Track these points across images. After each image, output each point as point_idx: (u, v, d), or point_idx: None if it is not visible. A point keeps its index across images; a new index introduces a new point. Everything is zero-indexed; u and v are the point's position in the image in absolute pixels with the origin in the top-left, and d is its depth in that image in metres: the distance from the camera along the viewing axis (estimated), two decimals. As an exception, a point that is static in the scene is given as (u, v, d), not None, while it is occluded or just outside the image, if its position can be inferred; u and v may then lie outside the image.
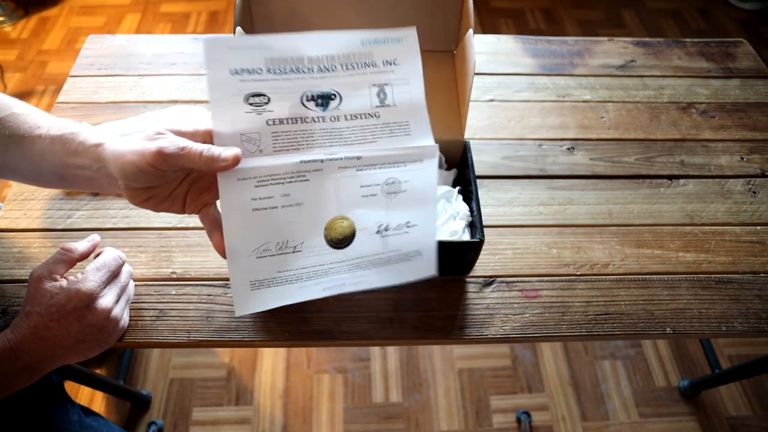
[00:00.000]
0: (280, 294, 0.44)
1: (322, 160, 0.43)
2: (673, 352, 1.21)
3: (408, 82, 0.46)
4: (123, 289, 0.52)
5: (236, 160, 0.40)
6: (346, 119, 0.44)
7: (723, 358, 1.20)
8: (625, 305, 0.57)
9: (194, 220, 0.62)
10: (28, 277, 0.48)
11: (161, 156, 0.38)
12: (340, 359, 1.18)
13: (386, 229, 0.46)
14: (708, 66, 0.84)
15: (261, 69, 0.42)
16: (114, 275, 0.51)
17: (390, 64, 0.45)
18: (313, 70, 0.43)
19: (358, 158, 0.44)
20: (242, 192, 0.42)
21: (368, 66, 0.45)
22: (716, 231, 0.64)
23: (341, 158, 0.44)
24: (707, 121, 0.77)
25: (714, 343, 1.18)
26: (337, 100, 0.44)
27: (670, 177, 0.70)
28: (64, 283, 0.47)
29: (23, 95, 1.66)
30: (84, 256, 0.52)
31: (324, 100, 0.44)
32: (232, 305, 0.43)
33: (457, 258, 0.56)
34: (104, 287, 0.49)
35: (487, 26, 1.99)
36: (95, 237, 0.54)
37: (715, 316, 0.57)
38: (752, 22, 2.06)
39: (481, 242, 0.52)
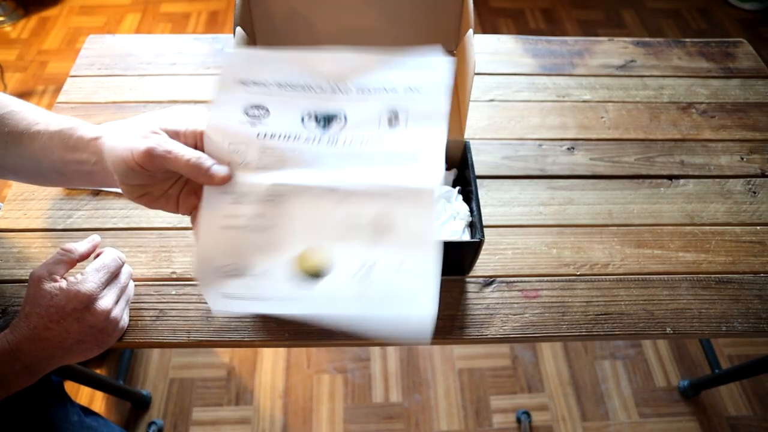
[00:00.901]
0: (253, 306, 0.42)
1: (304, 185, 0.40)
2: (673, 352, 1.21)
3: (429, 116, 0.40)
4: (123, 290, 0.51)
5: (224, 180, 0.39)
6: (344, 143, 0.40)
7: (723, 358, 1.19)
8: (625, 305, 0.57)
9: (194, 220, 0.62)
10: (28, 278, 0.48)
11: (149, 156, 0.37)
12: (340, 359, 1.18)
13: (369, 270, 0.39)
14: (708, 66, 0.84)
15: (270, 83, 0.40)
16: (114, 276, 0.51)
17: (412, 92, 0.41)
18: (324, 90, 0.41)
19: (345, 186, 0.40)
20: (219, 206, 0.40)
21: (387, 92, 0.41)
22: (716, 231, 0.64)
23: (326, 186, 0.40)
24: (707, 121, 0.77)
25: (714, 343, 1.18)
26: (342, 121, 0.41)
27: (670, 177, 0.70)
28: (63, 284, 0.47)
29: (23, 95, 1.66)
30: (84, 257, 0.52)
31: (327, 120, 0.41)
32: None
33: (457, 258, 0.56)
34: (104, 288, 0.49)
35: (487, 26, 1.99)
36: (95, 237, 0.54)
37: (715, 316, 0.57)
38: (752, 22, 2.06)
39: (481, 242, 0.52)
